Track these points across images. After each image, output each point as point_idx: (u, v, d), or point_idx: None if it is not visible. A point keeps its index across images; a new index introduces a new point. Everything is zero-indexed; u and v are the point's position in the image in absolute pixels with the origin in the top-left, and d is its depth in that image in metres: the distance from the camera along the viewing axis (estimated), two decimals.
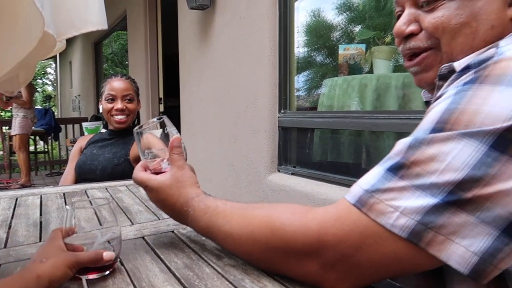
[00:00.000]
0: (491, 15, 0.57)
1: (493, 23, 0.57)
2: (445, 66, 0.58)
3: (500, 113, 0.45)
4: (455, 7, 0.58)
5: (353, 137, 1.99)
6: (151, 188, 0.70)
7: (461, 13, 0.58)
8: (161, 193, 0.70)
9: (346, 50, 2.15)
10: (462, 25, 0.58)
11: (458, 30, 0.58)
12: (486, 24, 0.57)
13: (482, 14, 0.57)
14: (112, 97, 1.80)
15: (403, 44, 0.65)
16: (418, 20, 0.63)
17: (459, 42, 0.59)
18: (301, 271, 0.55)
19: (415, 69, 0.65)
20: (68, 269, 0.56)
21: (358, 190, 0.52)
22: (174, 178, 0.70)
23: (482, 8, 0.57)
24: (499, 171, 0.44)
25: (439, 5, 0.60)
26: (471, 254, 0.45)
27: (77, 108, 8.58)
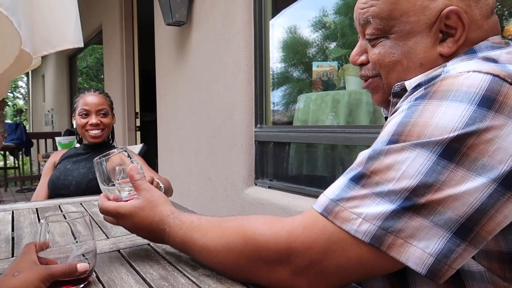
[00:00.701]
0: (419, 54, 0.64)
1: (421, 61, 0.64)
2: (397, 85, 0.64)
3: (446, 126, 0.50)
4: (389, 45, 0.66)
5: (327, 151, 2.05)
6: (123, 215, 0.71)
7: (393, 52, 0.66)
8: (135, 217, 0.71)
9: (320, 67, 2.22)
10: (394, 63, 0.66)
11: (392, 66, 0.67)
12: (415, 62, 0.65)
13: (412, 53, 0.65)
14: (86, 112, 1.78)
15: (359, 69, 0.74)
16: (367, 51, 0.71)
17: (393, 76, 0.67)
18: (273, 278, 0.57)
19: (367, 89, 0.74)
20: (41, 282, 0.56)
21: (324, 199, 0.55)
22: (145, 199, 0.71)
23: (412, 48, 0.65)
24: (448, 178, 0.49)
25: (378, 42, 0.68)
26: (427, 256, 0.49)
27: (50, 122, 8.38)
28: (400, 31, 0.64)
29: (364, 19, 0.68)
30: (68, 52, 7.32)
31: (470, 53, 0.61)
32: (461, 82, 0.52)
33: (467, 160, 0.49)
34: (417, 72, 0.64)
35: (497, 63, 0.56)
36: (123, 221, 0.73)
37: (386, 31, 0.66)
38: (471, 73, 0.52)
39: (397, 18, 0.64)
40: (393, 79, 0.67)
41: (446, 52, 0.63)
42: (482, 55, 0.59)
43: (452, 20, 0.62)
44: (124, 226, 0.74)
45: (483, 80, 0.51)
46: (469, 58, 0.60)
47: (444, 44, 0.63)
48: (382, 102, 0.73)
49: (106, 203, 0.74)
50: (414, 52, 0.64)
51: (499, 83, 0.50)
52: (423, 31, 0.63)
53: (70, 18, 0.84)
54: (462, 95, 0.50)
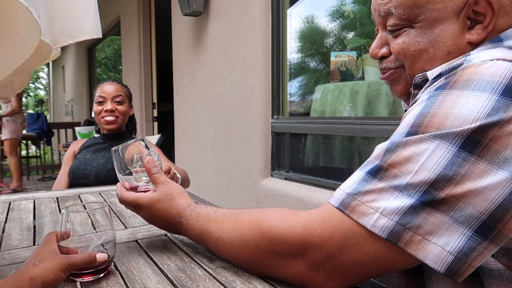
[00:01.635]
0: (447, 41, 0.61)
1: (449, 49, 0.61)
2: (419, 76, 0.62)
3: (467, 116, 0.47)
4: (414, 34, 0.63)
5: (345, 143, 2.02)
6: (141, 206, 0.72)
7: (419, 40, 0.62)
8: (152, 209, 0.72)
9: (338, 57, 2.19)
10: (420, 51, 0.63)
11: (417, 56, 0.63)
12: (442, 50, 0.61)
13: (439, 41, 0.61)
14: (102, 99, 1.81)
15: (379, 62, 0.71)
16: (388, 43, 0.68)
17: (419, 66, 0.64)
18: (289, 272, 0.57)
19: (386, 82, 0.71)
20: (61, 272, 0.57)
21: (340, 193, 0.54)
22: (162, 192, 0.72)
23: (439, 35, 0.61)
24: (468, 171, 0.47)
25: (401, 32, 0.64)
26: (446, 253, 0.47)
27: (70, 112, 8.54)
28: (426, 19, 0.61)
29: (385, 10, 0.65)
30: (87, 43, 7.42)
31: (495, 41, 0.59)
32: (483, 70, 0.49)
33: (488, 152, 0.47)
34: (444, 61, 0.61)
35: None
36: (141, 212, 0.74)
37: (411, 20, 0.63)
38: (495, 61, 0.50)
39: (422, 5, 0.61)
40: (417, 69, 0.64)
41: (475, 39, 0.60)
42: (508, 44, 0.57)
43: (480, 5, 0.59)
44: (142, 216, 0.75)
45: (507, 68, 0.48)
46: (494, 46, 0.57)
47: (473, 31, 0.60)
48: (403, 94, 0.70)
49: (125, 194, 0.75)
50: (441, 40, 0.61)
51: None
52: (450, 18, 0.60)
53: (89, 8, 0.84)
54: (484, 84, 0.48)
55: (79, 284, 0.61)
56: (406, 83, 0.68)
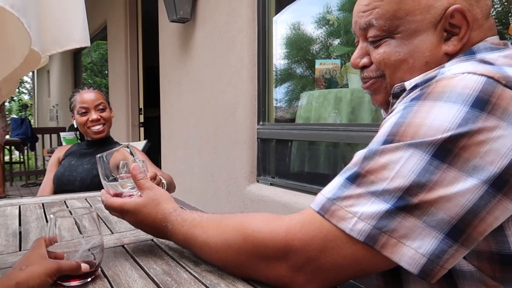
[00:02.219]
0: (425, 52, 0.64)
1: (427, 60, 0.64)
2: (397, 86, 0.65)
3: (440, 126, 0.51)
4: (394, 44, 0.66)
5: (329, 149, 2.06)
6: (127, 211, 0.74)
7: (399, 50, 0.65)
8: (139, 214, 0.73)
9: (323, 65, 2.23)
10: (400, 61, 0.66)
11: (398, 65, 0.66)
12: (421, 60, 0.65)
13: (418, 51, 0.65)
14: (85, 110, 1.80)
15: (360, 72, 0.74)
16: (369, 54, 0.71)
17: (399, 76, 0.67)
18: (272, 274, 0.59)
19: (367, 91, 0.74)
20: (48, 276, 0.58)
21: (321, 198, 0.57)
22: (148, 197, 0.74)
23: (418, 46, 0.64)
24: (440, 178, 0.50)
25: (382, 43, 0.67)
26: (420, 256, 0.50)
27: (55, 117, 8.43)
28: (406, 30, 0.64)
29: (366, 22, 0.67)
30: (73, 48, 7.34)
31: (468, 54, 0.62)
32: (455, 83, 0.52)
33: (459, 160, 0.49)
34: (422, 71, 0.64)
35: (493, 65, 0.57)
36: (127, 217, 0.75)
37: (391, 31, 0.65)
38: (466, 74, 0.53)
39: (402, 17, 0.64)
40: (397, 78, 0.67)
41: (451, 50, 0.63)
42: (480, 57, 0.60)
43: (456, 18, 0.63)
44: (128, 221, 0.76)
45: (477, 81, 0.51)
46: (467, 59, 0.61)
47: (449, 43, 0.64)
48: (383, 103, 0.73)
49: (110, 200, 0.76)
50: (420, 50, 0.64)
51: (493, 85, 0.51)
52: (428, 30, 0.64)
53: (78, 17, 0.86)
54: (456, 96, 0.51)
55: None
56: (386, 92, 0.70)
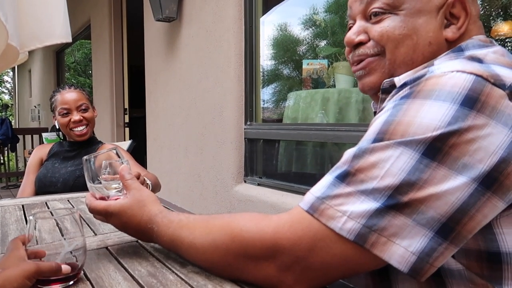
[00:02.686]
0: (429, 32, 0.64)
1: (430, 40, 0.65)
2: (387, 81, 0.64)
3: (429, 124, 0.50)
4: (399, 20, 0.65)
5: (316, 149, 2.06)
6: (112, 213, 0.72)
7: (404, 26, 0.65)
8: (123, 216, 0.71)
9: (310, 65, 2.23)
10: (405, 36, 0.65)
11: (401, 40, 0.65)
12: (424, 39, 0.64)
13: (422, 30, 0.64)
14: (67, 111, 1.74)
15: (353, 52, 0.72)
16: (367, 32, 0.69)
17: (401, 51, 0.65)
18: (260, 275, 0.58)
19: (360, 72, 0.71)
20: (26, 279, 0.56)
21: (310, 197, 0.55)
22: (134, 198, 0.72)
23: (422, 25, 0.64)
24: (430, 176, 0.49)
25: (385, 17, 0.66)
26: (409, 254, 0.50)
27: (37, 118, 8.25)
28: (411, 8, 0.64)
29: None
30: (56, 47, 7.21)
31: (457, 51, 0.62)
32: (444, 81, 0.52)
33: (448, 159, 0.49)
34: (425, 51, 0.64)
35: (482, 63, 0.57)
36: (112, 219, 0.73)
37: (396, 7, 0.65)
38: (455, 73, 0.53)
39: None
40: (400, 54, 0.65)
41: (451, 37, 0.64)
42: (469, 53, 0.60)
43: (456, 8, 0.64)
44: (113, 224, 0.74)
45: (466, 80, 0.51)
46: (456, 56, 0.61)
47: (449, 30, 0.65)
48: (375, 86, 0.69)
49: (94, 203, 0.74)
50: (424, 30, 0.64)
51: (482, 83, 0.51)
52: (432, 12, 0.64)
53: (58, 12, 0.83)
54: (445, 94, 0.51)
55: None
56: (383, 73, 0.68)
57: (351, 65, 0.74)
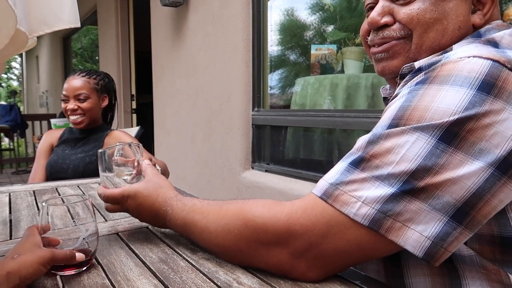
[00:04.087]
0: (460, 17, 0.63)
1: (460, 25, 0.63)
2: (406, 66, 0.63)
3: (446, 109, 0.50)
4: (429, 2, 0.63)
5: (325, 135, 2.05)
6: (128, 195, 0.73)
7: (435, 9, 0.63)
8: (139, 197, 0.72)
9: (318, 50, 2.20)
10: (435, 20, 0.63)
11: (431, 24, 0.63)
12: (454, 24, 0.63)
13: (452, 14, 0.63)
14: (66, 98, 1.76)
15: (374, 34, 0.69)
16: (392, 13, 0.66)
17: (430, 36, 0.63)
18: (272, 261, 0.58)
19: (381, 55, 0.68)
20: (41, 265, 0.56)
21: (323, 184, 0.55)
22: (150, 181, 0.74)
23: (453, 9, 0.63)
24: (446, 161, 0.49)
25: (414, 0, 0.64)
26: (424, 239, 0.50)
27: (45, 104, 8.30)
28: None
29: None
30: (62, 33, 7.20)
31: (476, 36, 0.62)
32: (461, 67, 0.52)
33: (465, 144, 0.49)
34: (454, 36, 0.63)
35: (498, 47, 0.56)
36: (127, 203, 0.73)
37: None
38: (472, 58, 0.52)
39: None
40: (428, 39, 0.63)
41: (478, 22, 0.64)
42: (485, 38, 0.59)
43: None
44: (127, 209, 0.74)
45: (483, 65, 0.51)
46: (472, 41, 0.60)
47: (476, 16, 0.64)
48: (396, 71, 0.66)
49: (109, 190, 0.75)
50: (454, 14, 0.63)
51: (498, 69, 0.50)
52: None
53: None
54: (462, 79, 0.51)
55: (60, 277, 0.61)
56: (407, 57, 0.65)
57: (367, 46, 0.71)
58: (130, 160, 0.78)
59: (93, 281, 0.60)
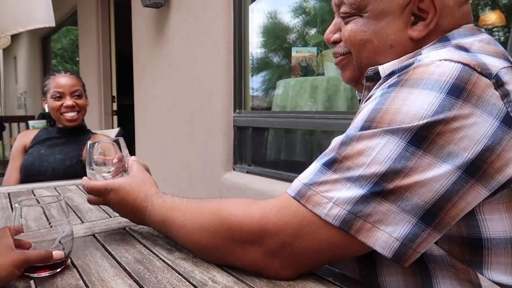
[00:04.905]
0: (390, 35, 0.64)
1: (391, 43, 0.64)
2: (371, 69, 0.64)
3: (416, 113, 0.51)
4: (361, 23, 0.66)
5: (305, 137, 2.07)
6: (111, 189, 0.73)
7: (365, 30, 0.65)
8: (122, 191, 0.72)
9: (299, 53, 2.22)
10: (365, 41, 0.65)
11: (362, 45, 0.66)
12: (385, 42, 0.64)
13: (383, 33, 0.64)
14: (60, 95, 1.72)
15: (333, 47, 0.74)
16: (341, 29, 0.70)
17: (364, 55, 0.67)
18: (246, 259, 0.58)
19: (337, 67, 0.74)
20: (15, 268, 0.56)
21: (297, 184, 0.56)
22: (135, 177, 0.75)
23: (383, 28, 0.64)
24: (415, 164, 0.50)
25: (351, 19, 0.67)
26: (393, 240, 0.51)
27: (23, 105, 8.11)
28: (374, 9, 0.64)
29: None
30: (41, 33, 7.06)
31: (444, 41, 0.62)
32: (432, 70, 0.52)
33: (434, 147, 0.50)
34: (387, 54, 0.64)
35: (469, 52, 0.57)
36: (109, 196, 0.74)
37: (361, 9, 0.65)
38: (443, 61, 0.53)
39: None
40: (363, 58, 0.67)
41: (416, 35, 0.63)
42: (455, 42, 0.60)
43: (425, 3, 0.62)
44: (108, 202, 0.75)
45: (453, 68, 0.51)
46: (443, 46, 0.61)
47: (415, 28, 0.63)
48: (351, 79, 0.72)
49: (92, 182, 0.76)
50: (385, 32, 0.64)
51: (468, 72, 0.51)
52: (396, 12, 0.63)
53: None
54: (432, 83, 0.51)
55: (33, 279, 0.60)
56: (353, 69, 0.70)
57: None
58: (109, 159, 0.78)
59: (67, 282, 0.59)
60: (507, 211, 0.54)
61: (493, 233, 0.55)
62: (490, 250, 0.55)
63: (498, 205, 0.54)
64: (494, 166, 0.50)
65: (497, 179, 0.51)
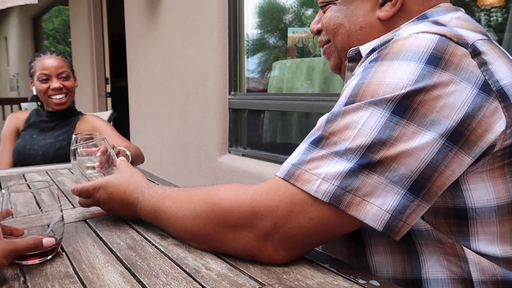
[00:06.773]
0: (360, 17, 0.67)
1: (361, 25, 0.67)
2: (352, 49, 0.66)
3: (397, 83, 0.52)
4: (335, 10, 0.70)
5: (301, 119, 2.05)
6: (100, 186, 0.74)
7: (338, 15, 0.69)
8: (110, 186, 0.74)
9: (295, 33, 2.18)
10: (338, 26, 0.69)
11: (336, 30, 0.70)
12: (356, 25, 0.68)
13: (353, 16, 0.68)
14: (46, 77, 1.66)
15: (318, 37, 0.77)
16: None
17: (339, 39, 0.70)
18: (239, 245, 0.58)
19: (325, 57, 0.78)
20: (3, 258, 0.54)
21: (286, 165, 0.56)
22: (122, 171, 0.77)
23: (353, 12, 0.68)
24: (400, 134, 0.51)
25: (327, 8, 0.71)
26: (383, 212, 0.51)
27: (16, 87, 8.00)
28: None
29: None
30: (31, 13, 6.91)
31: (421, 18, 0.63)
32: (410, 42, 0.54)
33: (417, 115, 0.51)
34: (359, 36, 0.67)
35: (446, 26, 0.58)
36: (98, 194, 0.74)
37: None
38: (420, 34, 0.54)
39: None
40: (338, 42, 0.70)
41: (384, 16, 0.65)
42: (433, 19, 0.61)
43: None
44: (98, 201, 0.75)
45: (430, 39, 0.53)
46: (420, 21, 0.62)
47: (382, 9, 0.66)
48: (335, 67, 0.75)
49: (80, 184, 0.77)
50: (355, 15, 0.67)
51: (445, 42, 0.52)
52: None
53: None
54: (411, 54, 0.53)
55: (21, 267, 0.59)
56: (336, 57, 0.74)
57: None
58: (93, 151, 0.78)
59: (56, 269, 0.58)
60: (490, 179, 0.55)
61: (477, 202, 0.55)
62: (476, 220, 0.56)
63: (481, 173, 0.55)
64: (475, 132, 0.51)
65: (479, 146, 0.52)
